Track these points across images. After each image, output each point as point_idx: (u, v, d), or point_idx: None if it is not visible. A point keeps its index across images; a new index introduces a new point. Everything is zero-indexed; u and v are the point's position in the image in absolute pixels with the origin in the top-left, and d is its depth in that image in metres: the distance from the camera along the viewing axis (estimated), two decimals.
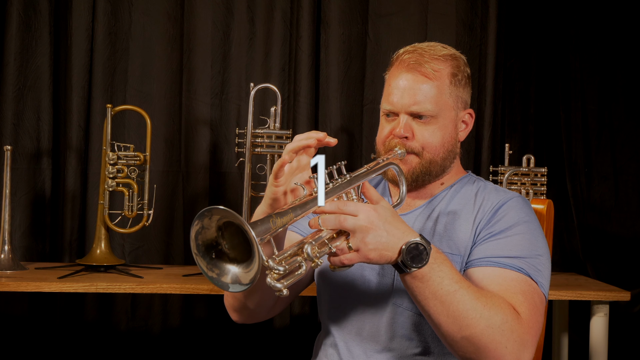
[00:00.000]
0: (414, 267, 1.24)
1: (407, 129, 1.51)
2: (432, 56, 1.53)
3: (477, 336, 1.25)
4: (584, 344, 2.56)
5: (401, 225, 1.27)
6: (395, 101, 1.52)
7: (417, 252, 1.24)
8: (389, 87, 1.54)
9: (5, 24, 2.68)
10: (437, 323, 1.27)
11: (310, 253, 1.19)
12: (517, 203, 1.48)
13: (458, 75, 1.56)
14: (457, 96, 1.56)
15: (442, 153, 1.53)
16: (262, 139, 2.45)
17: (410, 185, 1.53)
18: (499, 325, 1.26)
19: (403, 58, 1.54)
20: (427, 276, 1.25)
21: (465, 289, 1.26)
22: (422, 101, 1.50)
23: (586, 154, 2.93)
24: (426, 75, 1.52)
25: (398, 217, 1.29)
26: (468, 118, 1.60)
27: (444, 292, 1.25)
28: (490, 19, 2.85)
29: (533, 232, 1.44)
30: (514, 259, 1.38)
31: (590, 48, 2.93)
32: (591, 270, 2.86)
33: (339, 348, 1.52)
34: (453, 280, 1.26)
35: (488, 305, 1.26)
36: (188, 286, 2.23)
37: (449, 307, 1.25)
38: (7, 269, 2.34)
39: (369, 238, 1.24)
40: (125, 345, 2.77)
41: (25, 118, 2.69)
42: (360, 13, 2.85)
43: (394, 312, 1.46)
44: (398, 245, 1.25)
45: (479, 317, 1.25)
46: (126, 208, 2.43)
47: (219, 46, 2.80)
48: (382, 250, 1.24)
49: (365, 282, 1.50)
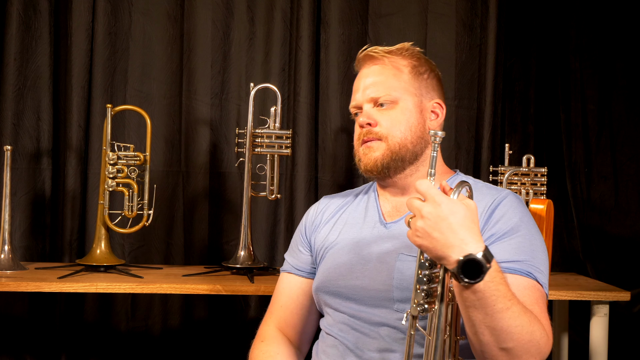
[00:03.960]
0: (466, 282, 1.17)
1: (369, 116, 1.55)
2: (387, 50, 1.58)
3: (516, 349, 1.24)
4: (584, 344, 2.56)
5: (465, 234, 1.18)
6: (357, 96, 1.59)
7: (474, 269, 1.17)
8: (353, 89, 1.61)
9: (5, 24, 2.68)
10: (479, 332, 1.24)
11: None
12: (512, 202, 1.48)
13: (419, 67, 1.59)
14: (419, 86, 1.57)
15: (410, 137, 1.54)
16: (262, 139, 2.45)
17: (385, 174, 1.55)
18: (537, 340, 1.26)
19: (359, 58, 1.61)
20: (481, 291, 1.19)
21: (516, 306, 1.23)
22: (380, 87, 1.55)
23: (586, 154, 2.93)
24: (382, 66, 1.57)
25: (468, 226, 1.19)
26: (438, 108, 1.60)
27: (495, 309, 1.21)
28: (490, 19, 2.85)
29: (531, 231, 1.45)
30: (521, 263, 1.38)
31: (590, 48, 2.93)
32: (591, 270, 2.86)
33: (339, 349, 1.52)
34: (506, 299, 1.22)
35: (531, 321, 1.25)
36: (188, 286, 2.23)
37: (497, 322, 1.22)
38: (7, 269, 2.34)
39: (419, 224, 1.19)
40: (125, 345, 2.77)
41: (25, 118, 2.69)
42: (360, 13, 2.85)
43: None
44: (450, 252, 1.17)
45: (524, 332, 1.24)
46: (126, 208, 2.43)
47: (219, 46, 2.80)
48: (430, 246, 1.19)
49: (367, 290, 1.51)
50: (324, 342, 1.58)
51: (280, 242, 2.82)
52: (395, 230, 1.54)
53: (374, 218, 1.59)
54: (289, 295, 1.67)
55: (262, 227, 2.81)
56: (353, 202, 1.67)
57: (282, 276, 1.71)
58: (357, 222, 1.61)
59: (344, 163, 2.83)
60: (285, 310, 1.66)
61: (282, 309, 1.67)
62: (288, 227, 2.80)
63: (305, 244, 1.69)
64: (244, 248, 2.44)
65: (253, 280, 2.31)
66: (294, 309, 1.66)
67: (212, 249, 2.80)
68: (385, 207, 1.60)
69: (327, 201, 1.72)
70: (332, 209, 1.68)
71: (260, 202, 2.75)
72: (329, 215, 1.67)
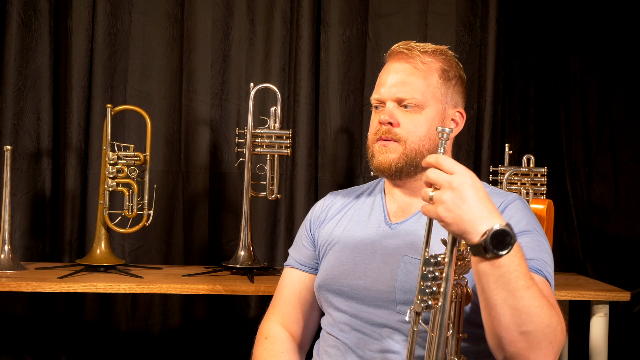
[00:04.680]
0: (497, 253, 1.16)
1: (391, 115, 1.52)
2: (422, 49, 1.55)
3: (536, 333, 1.22)
4: (584, 344, 2.56)
5: (491, 208, 1.18)
6: (383, 90, 1.55)
7: (503, 239, 1.15)
8: (379, 80, 1.57)
9: (5, 24, 2.68)
10: (500, 314, 1.21)
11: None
12: (518, 205, 1.49)
13: (449, 72, 1.57)
14: (446, 92, 1.56)
15: (427, 145, 1.52)
16: (262, 139, 2.45)
17: (396, 176, 1.54)
18: (555, 325, 1.24)
19: (393, 51, 1.57)
20: (505, 266, 1.18)
21: (535, 286, 1.22)
22: (408, 89, 1.52)
23: (586, 154, 2.93)
24: (414, 66, 1.54)
25: (490, 201, 1.19)
26: (459, 117, 1.59)
27: (518, 285, 1.19)
28: (490, 19, 2.85)
29: (539, 233, 1.45)
30: (531, 261, 1.37)
31: (590, 48, 2.93)
32: (591, 270, 2.86)
33: (340, 350, 1.52)
34: (527, 277, 1.21)
35: (548, 305, 1.24)
36: (188, 286, 2.23)
37: (520, 301, 1.20)
38: (7, 269, 2.34)
39: (448, 196, 1.17)
40: (125, 345, 2.77)
41: (25, 118, 2.69)
42: (360, 13, 2.85)
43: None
44: (478, 224, 1.16)
45: (544, 315, 1.22)
46: (126, 208, 2.43)
47: (219, 46, 2.80)
48: (457, 219, 1.17)
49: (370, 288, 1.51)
50: (325, 341, 1.57)
51: (280, 242, 2.82)
52: (400, 231, 1.53)
53: (379, 217, 1.59)
54: (292, 290, 1.67)
55: (262, 227, 2.81)
56: (359, 200, 1.66)
57: (286, 271, 1.71)
58: (361, 220, 1.61)
59: (344, 163, 2.83)
60: (288, 305, 1.66)
61: (285, 304, 1.67)
62: (288, 227, 2.80)
63: (309, 239, 1.69)
64: (244, 248, 2.44)
65: (253, 280, 2.31)
66: (297, 304, 1.66)
67: (212, 249, 2.80)
68: (391, 207, 1.59)
69: (333, 197, 1.72)
70: (338, 205, 1.68)
71: (260, 202, 2.75)
72: (335, 212, 1.67)
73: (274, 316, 1.67)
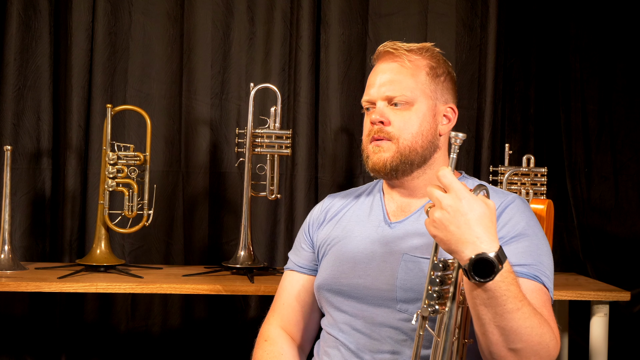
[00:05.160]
0: (478, 280, 1.17)
1: (382, 114, 1.53)
2: (408, 48, 1.56)
3: (525, 350, 1.24)
4: (584, 344, 2.56)
5: (481, 233, 1.18)
6: (372, 91, 1.55)
7: (484, 268, 1.16)
8: (368, 82, 1.58)
9: (5, 24, 2.68)
10: (489, 331, 1.23)
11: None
12: (518, 206, 1.48)
13: (437, 69, 1.57)
14: (435, 89, 1.56)
15: (421, 141, 1.53)
16: (262, 139, 2.45)
17: (392, 175, 1.54)
18: (547, 342, 1.25)
19: (380, 52, 1.58)
20: (492, 290, 1.19)
21: (526, 307, 1.22)
22: (397, 87, 1.52)
23: (586, 154, 2.93)
24: (402, 64, 1.54)
25: (485, 224, 1.19)
26: (450, 113, 1.59)
27: (507, 308, 1.20)
28: (490, 19, 2.85)
29: (538, 235, 1.45)
30: (528, 267, 1.38)
31: (590, 48, 2.93)
32: (591, 270, 2.86)
33: (341, 350, 1.52)
34: (517, 299, 1.21)
35: (541, 324, 1.25)
36: (188, 286, 2.23)
37: (508, 322, 1.21)
38: (7, 269, 2.34)
39: (437, 215, 1.19)
40: (125, 345, 2.77)
41: (25, 118, 2.69)
42: (360, 13, 2.85)
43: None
44: (463, 248, 1.17)
45: (534, 334, 1.23)
46: (126, 208, 2.43)
47: (219, 46, 2.80)
48: (445, 238, 1.19)
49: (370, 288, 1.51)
50: (325, 342, 1.57)
51: (280, 242, 2.82)
52: (399, 230, 1.53)
53: (378, 217, 1.59)
54: (292, 293, 1.67)
55: (262, 227, 2.81)
56: (358, 201, 1.66)
57: (285, 274, 1.72)
58: (361, 220, 1.61)
59: (344, 163, 2.83)
60: (287, 307, 1.67)
61: (284, 307, 1.67)
62: (288, 227, 2.80)
63: (308, 242, 1.69)
64: (244, 248, 2.44)
65: (253, 280, 2.31)
66: (297, 307, 1.66)
67: (212, 249, 2.80)
68: (390, 207, 1.59)
69: (331, 200, 1.72)
70: (337, 207, 1.68)
71: (260, 202, 2.75)
72: (333, 213, 1.67)
73: (273, 319, 1.68)
